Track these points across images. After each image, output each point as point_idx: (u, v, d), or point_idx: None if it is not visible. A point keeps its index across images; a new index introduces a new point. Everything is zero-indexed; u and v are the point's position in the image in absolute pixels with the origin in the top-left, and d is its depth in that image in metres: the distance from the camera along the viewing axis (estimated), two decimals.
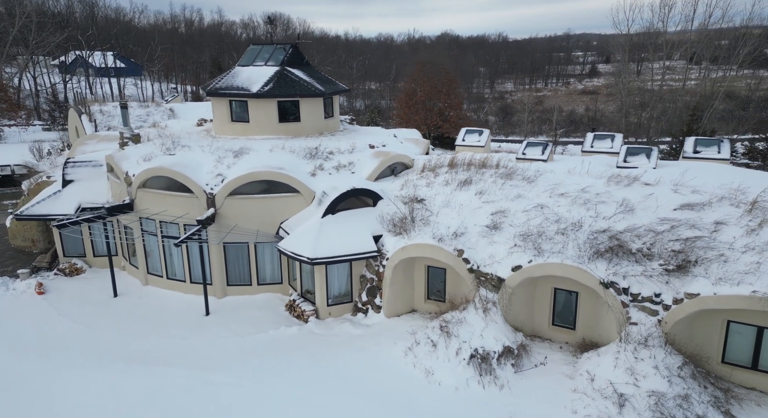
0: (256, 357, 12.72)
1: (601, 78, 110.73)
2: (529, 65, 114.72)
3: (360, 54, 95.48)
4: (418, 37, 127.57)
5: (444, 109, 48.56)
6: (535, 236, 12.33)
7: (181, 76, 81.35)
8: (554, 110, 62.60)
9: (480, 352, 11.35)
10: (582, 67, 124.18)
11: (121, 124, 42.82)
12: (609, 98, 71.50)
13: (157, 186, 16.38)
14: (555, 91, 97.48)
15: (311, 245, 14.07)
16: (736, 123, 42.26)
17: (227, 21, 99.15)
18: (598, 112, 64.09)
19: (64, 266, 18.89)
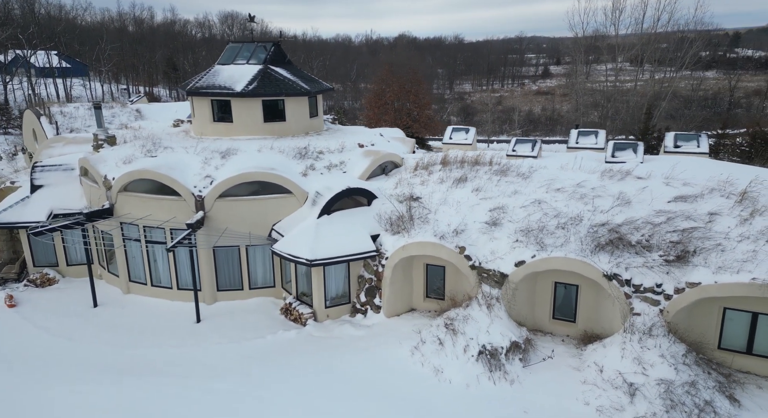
0: (256, 363, 12.29)
1: (553, 79, 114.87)
2: (485, 67, 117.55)
3: (320, 54, 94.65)
4: (375, 38, 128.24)
5: (413, 109, 48.93)
6: (537, 231, 12.46)
7: (133, 76, 78.01)
8: (516, 110, 64.22)
9: (488, 348, 11.36)
10: (536, 69, 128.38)
11: (87, 125, 40.56)
12: (563, 98, 74.07)
13: (139, 189, 15.61)
14: (511, 92, 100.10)
15: (309, 246, 13.73)
16: (684, 121, 44.69)
17: (180, 19, 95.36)
18: (555, 112, 66.19)
19: (35, 277, 17.76)
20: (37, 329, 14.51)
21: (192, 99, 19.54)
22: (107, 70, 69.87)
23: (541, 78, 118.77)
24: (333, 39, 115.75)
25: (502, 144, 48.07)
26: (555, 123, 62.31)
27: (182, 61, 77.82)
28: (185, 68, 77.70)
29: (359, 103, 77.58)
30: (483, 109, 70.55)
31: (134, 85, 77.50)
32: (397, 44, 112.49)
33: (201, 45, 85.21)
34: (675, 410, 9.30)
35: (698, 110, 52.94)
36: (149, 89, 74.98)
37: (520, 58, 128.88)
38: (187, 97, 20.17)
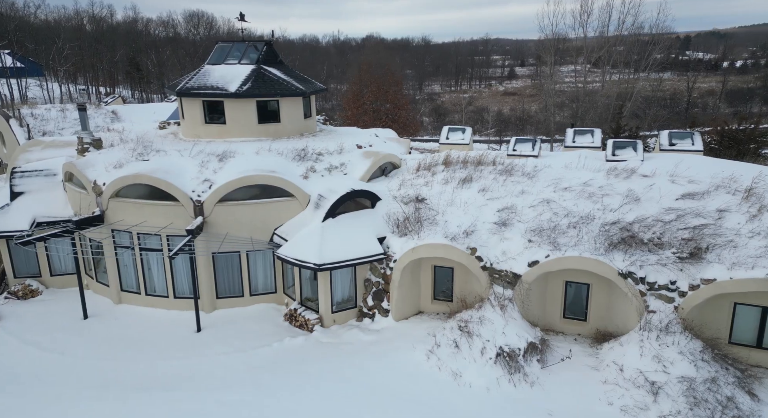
0: (267, 372, 11.86)
1: (519, 80, 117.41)
2: (453, 68, 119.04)
3: (287, 55, 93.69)
4: (343, 39, 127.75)
5: (391, 110, 48.92)
6: (549, 230, 12.43)
7: (92, 76, 74.84)
8: (489, 111, 65.21)
9: (505, 350, 11.25)
10: (502, 70, 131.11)
11: (60, 127, 38.78)
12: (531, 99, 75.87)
13: (133, 195, 14.92)
14: (479, 93, 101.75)
15: (316, 250, 13.37)
16: (648, 120, 46.40)
17: (143, 18, 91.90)
18: (524, 112, 67.53)
19: (16, 289, 16.78)
20: (24, 344, 13.67)
21: (181, 100, 18.84)
22: (65, 70, 66.88)
23: (507, 79, 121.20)
24: (300, 40, 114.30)
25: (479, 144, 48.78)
26: (525, 123, 63.60)
27: (146, 61, 75.00)
28: (149, 68, 75.12)
29: (331, 103, 77.09)
30: (454, 109, 71.26)
31: (95, 86, 74.34)
32: (366, 45, 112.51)
33: (165, 44, 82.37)
34: (699, 408, 9.37)
35: (658, 110, 55.05)
36: (110, 90, 72.07)
37: (486, 60, 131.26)
38: (167, 98, 19.45)
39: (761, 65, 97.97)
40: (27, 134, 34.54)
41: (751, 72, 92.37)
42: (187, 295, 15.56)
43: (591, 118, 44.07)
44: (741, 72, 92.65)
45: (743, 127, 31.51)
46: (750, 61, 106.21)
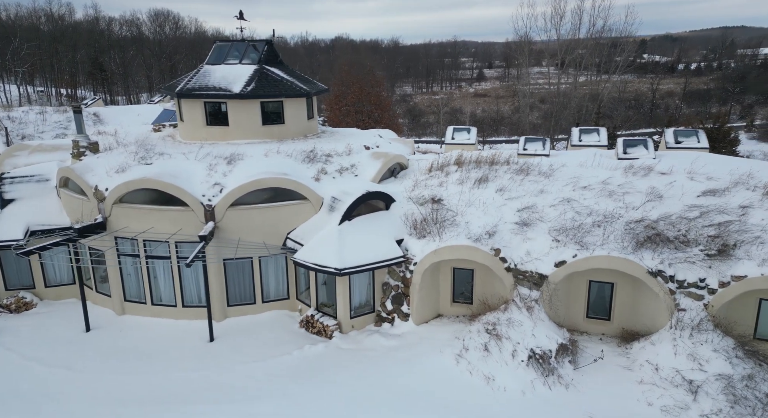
0: (291, 382, 11.42)
1: (488, 82, 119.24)
2: (424, 70, 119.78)
3: None
4: (312, 40, 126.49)
5: (374, 111, 48.78)
6: (573, 230, 12.34)
7: (51, 77, 71.21)
8: (463, 112, 65.79)
9: (537, 352, 11.09)
10: (471, 72, 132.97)
11: (39, 131, 37.25)
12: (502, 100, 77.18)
13: (138, 201, 14.24)
14: (451, 94, 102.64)
15: (336, 254, 12.98)
16: (620, 120, 47.79)
17: (105, 17, 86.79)
18: (498, 113, 68.53)
19: (8, 302, 15.86)
20: (25, 360, 12.86)
21: (180, 102, 18.15)
22: (24, 71, 64.01)
23: (476, 81, 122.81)
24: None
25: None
26: (498, 123, 64.44)
27: (109, 62, 72.31)
28: (112, 69, 72.44)
29: None
30: (428, 110, 71.60)
31: (55, 87, 71.33)
32: (336, 46, 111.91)
33: (130, 44, 79.40)
34: (739, 405, 9.37)
35: (625, 110, 56.76)
36: (71, 91, 69.27)
37: (454, 62, 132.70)
38: (150, 100, 18.73)
39: (714, 68, 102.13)
40: (5, 138, 33.04)
41: (704, 74, 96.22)
42: (195, 303, 14.96)
43: (565, 118, 45.00)
44: (696, 74, 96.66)
45: (718, 126, 32.86)
46: (703, 64, 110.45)
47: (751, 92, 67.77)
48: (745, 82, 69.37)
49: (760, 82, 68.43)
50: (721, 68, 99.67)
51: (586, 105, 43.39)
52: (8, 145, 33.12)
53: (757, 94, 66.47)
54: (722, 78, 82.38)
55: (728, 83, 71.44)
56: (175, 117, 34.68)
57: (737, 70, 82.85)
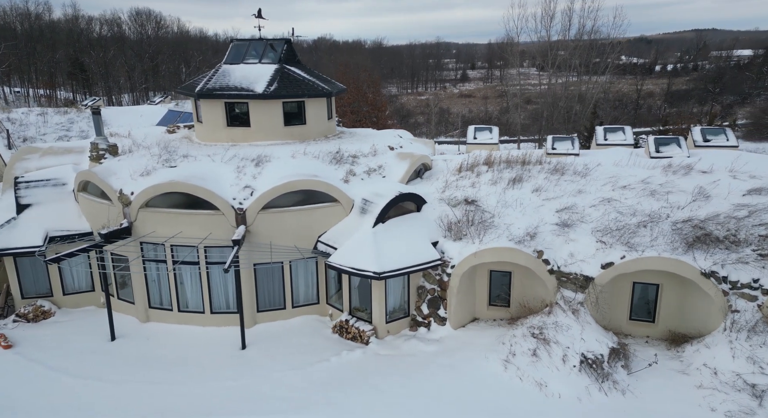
0: (334, 390, 11.04)
1: (471, 82, 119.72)
2: (409, 70, 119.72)
3: None
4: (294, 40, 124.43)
5: (371, 112, 48.53)
6: (618, 230, 12.08)
7: (30, 77, 69.25)
8: (450, 112, 65.83)
9: (589, 357, 10.81)
10: (455, 73, 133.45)
11: (41, 133, 36.54)
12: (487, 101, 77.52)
13: (165, 204, 13.79)
14: (436, 95, 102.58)
15: (373, 258, 12.61)
16: (610, 120, 48.22)
17: (84, 16, 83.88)
18: (486, 113, 68.66)
19: (26, 310, 15.30)
20: (52, 371, 12.37)
21: (199, 102, 17.67)
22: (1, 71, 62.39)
23: (460, 82, 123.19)
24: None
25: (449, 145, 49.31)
26: (487, 124, 64.50)
27: (89, 62, 70.45)
28: (93, 68, 70.46)
29: None
30: (416, 111, 71.56)
31: (33, 88, 69.51)
32: (319, 46, 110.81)
33: (111, 44, 77.31)
34: None
35: (610, 111, 57.37)
36: (50, 92, 67.61)
37: (437, 63, 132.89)
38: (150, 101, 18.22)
39: (690, 69, 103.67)
40: (7, 141, 32.31)
41: (681, 75, 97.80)
42: (223, 310, 14.53)
43: (557, 118, 45.17)
44: (673, 75, 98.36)
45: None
46: (680, 66, 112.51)
47: (728, 92, 69.34)
48: (722, 82, 70.92)
49: (736, 82, 70.04)
50: (696, 69, 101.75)
51: (576, 105, 43.66)
52: (10, 147, 32.40)
53: (734, 94, 67.93)
54: (699, 79, 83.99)
55: (707, 84, 72.87)
56: (182, 118, 34.17)
57: (713, 71, 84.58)
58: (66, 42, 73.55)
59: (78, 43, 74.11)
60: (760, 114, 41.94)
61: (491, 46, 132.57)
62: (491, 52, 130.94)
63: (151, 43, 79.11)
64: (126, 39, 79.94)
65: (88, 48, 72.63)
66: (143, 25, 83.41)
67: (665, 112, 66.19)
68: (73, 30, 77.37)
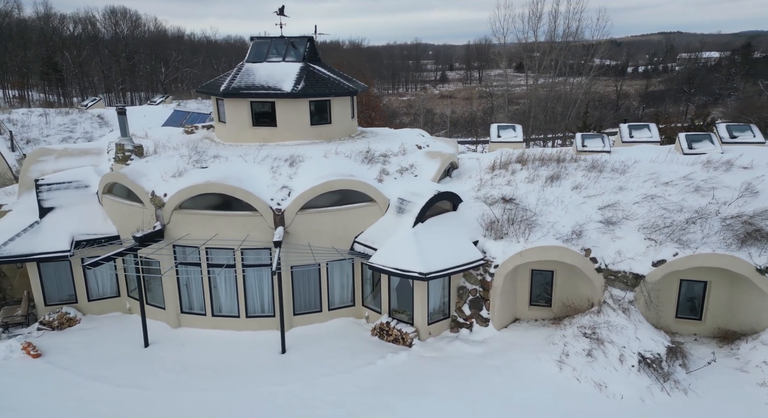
0: (389, 394, 10.78)
1: (451, 83, 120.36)
2: (389, 71, 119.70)
3: (223, 55, 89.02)
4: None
5: (366, 111, 48.34)
6: (666, 227, 11.96)
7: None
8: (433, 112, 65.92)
9: (647, 356, 10.66)
10: (435, 74, 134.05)
11: (45, 135, 35.78)
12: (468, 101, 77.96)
13: (200, 206, 13.43)
14: (417, 95, 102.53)
15: (417, 258, 12.36)
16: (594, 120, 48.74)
17: (56, 14, 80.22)
18: (471, 114, 68.84)
19: (50, 318, 14.82)
20: (88, 380, 11.96)
21: (223, 101, 17.28)
22: None
23: (439, 82, 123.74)
24: (224, 40, 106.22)
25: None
26: (471, 124, 64.87)
27: (62, 61, 68.49)
28: (67, 68, 68.17)
29: None
30: (400, 111, 71.66)
31: (4, 89, 66.52)
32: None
33: (86, 43, 75.17)
34: None
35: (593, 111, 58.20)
36: (21, 93, 65.70)
37: (416, 64, 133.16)
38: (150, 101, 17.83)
39: (660, 71, 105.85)
40: (10, 143, 31.56)
41: (652, 76, 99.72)
42: (258, 313, 14.20)
43: (544, 119, 45.48)
44: (644, 76, 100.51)
45: (707, 124, 33.86)
46: (650, 67, 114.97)
47: (700, 93, 71.34)
48: (693, 83, 72.85)
49: (707, 83, 72.10)
50: (667, 71, 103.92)
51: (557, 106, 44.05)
52: (13, 150, 31.64)
53: (706, 94, 69.85)
54: (671, 80, 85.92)
55: (681, 85, 74.76)
56: (190, 119, 33.58)
57: (683, 72, 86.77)
58: (38, 41, 70.87)
59: (51, 41, 71.71)
60: (738, 113, 42.83)
61: (469, 48, 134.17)
62: (469, 53, 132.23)
63: (128, 43, 77.34)
64: (101, 38, 77.71)
65: (61, 47, 70.60)
66: (118, 23, 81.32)
67: (643, 112, 67.90)
68: (45, 28, 75.04)
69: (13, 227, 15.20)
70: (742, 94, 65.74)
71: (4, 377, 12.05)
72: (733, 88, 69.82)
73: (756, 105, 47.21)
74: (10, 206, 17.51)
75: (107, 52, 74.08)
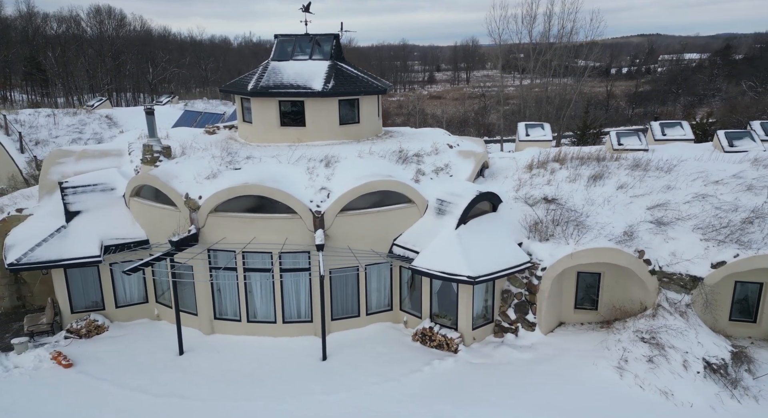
0: (443, 403, 10.38)
1: (439, 84, 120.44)
2: (377, 72, 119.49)
3: (209, 55, 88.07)
4: (256, 40, 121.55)
5: None
6: (725, 228, 11.58)
7: None
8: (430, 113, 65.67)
9: (712, 362, 10.28)
10: (423, 75, 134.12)
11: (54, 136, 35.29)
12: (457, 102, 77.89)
13: (235, 208, 12.99)
14: (407, 96, 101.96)
15: (464, 261, 11.95)
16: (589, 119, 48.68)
17: (39, 13, 77.95)
18: (464, 114, 68.73)
19: (78, 325, 14.35)
20: (125, 390, 11.51)
21: (249, 101, 16.83)
22: None
23: (428, 83, 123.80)
24: (209, 40, 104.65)
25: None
26: (464, 124, 64.78)
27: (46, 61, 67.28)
28: (51, 68, 66.72)
29: None
30: (392, 111, 71.41)
31: None
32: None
33: (71, 42, 73.55)
34: None
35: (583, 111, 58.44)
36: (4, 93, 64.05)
37: (403, 64, 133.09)
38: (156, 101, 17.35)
39: (642, 72, 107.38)
40: (19, 144, 31.05)
41: (635, 77, 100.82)
42: (295, 319, 13.78)
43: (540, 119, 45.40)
44: (628, 77, 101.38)
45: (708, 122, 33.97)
46: (633, 68, 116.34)
47: (685, 94, 72.32)
48: (678, 84, 73.68)
49: (690, 84, 73.04)
50: (650, 72, 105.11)
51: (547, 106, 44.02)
52: (22, 151, 31.13)
53: (690, 95, 70.81)
54: (656, 81, 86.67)
55: (666, 86, 75.52)
56: (202, 119, 33.08)
57: (666, 73, 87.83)
58: (20, 40, 69.53)
59: (34, 41, 70.32)
60: (727, 113, 42.83)
61: (456, 49, 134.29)
62: (456, 54, 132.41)
63: (113, 42, 76.25)
64: (86, 38, 75.74)
65: (45, 47, 69.21)
66: (103, 22, 79.94)
67: (633, 112, 68.34)
68: (28, 28, 73.23)
69: (36, 232, 14.73)
70: (725, 95, 66.74)
71: (38, 389, 11.60)
72: (716, 89, 70.87)
73: (742, 105, 47.52)
74: (31, 210, 17.01)
75: (92, 51, 72.79)
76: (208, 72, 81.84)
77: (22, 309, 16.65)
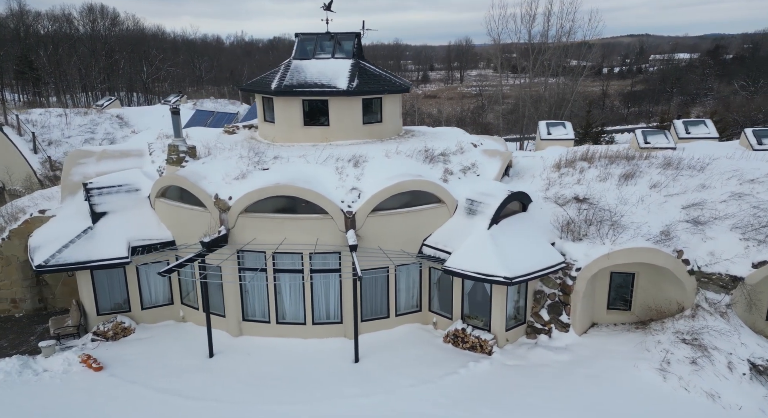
0: (484, 406, 10.23)
1: (433, 84, 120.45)
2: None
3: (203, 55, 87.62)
4: (248, 39, 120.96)
5: None
6: (764, 227, 11.39)
7: None
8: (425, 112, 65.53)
9: (758, 363, 10.11)
10: (417, 75, 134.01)
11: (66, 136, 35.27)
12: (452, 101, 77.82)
13: (265, 209, 12.86)
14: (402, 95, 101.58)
15: (499, 262, 11.80)
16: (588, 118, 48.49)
17: (30, 11, 77.36)
18: (462, 113, 68.62)
19: (104, 328, 14.24)
20: (159, 393, 11.39)
21: (271, 100, 16.69)
22: None
23: (422, 83, 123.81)
24: (201, 39, 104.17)
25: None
26: (461, 124, 64.73)
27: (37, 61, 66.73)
28: (43, 67, 66.00)
29: None
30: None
31: None
32: (276, 46, 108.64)
33: (63, 41, 72.65)
34: None
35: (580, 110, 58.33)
36: None
37: (397, 64, 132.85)
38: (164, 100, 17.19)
39: (634, 71, 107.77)
40: (32, 144, 30.97)
41: (627, 77, 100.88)
42: (324, 320, 13.65)
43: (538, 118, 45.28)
44: (620, 77, 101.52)
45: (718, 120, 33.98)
46: (625, 68, 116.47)
47: (679, 93, 72.64)
48: (671, 83, 73.81)
49: (683, 84, 73.34)
50: (641, 72, 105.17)
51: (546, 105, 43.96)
52: (36, 151, 31.05)
53: (683, 94, 71.12)
54: (649, 80, 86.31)
55: (659, 85, 75.83)
56: (215, 119, 32.94)
57: (658, 73, 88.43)
58: (12, 38, 68.83)
59: (26, 39, 69.68)
60: (724, 111, 42.73)
61: (450, 49, 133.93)
62: (450, 54, 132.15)
63: (107, 41, 75.95)
64: (79, 36, 75.00)
65: (37, 45, 68.19)
66: (96, 21, 79.48)
67: (628, 111, 68.11)
68: (19, 26, 72.40)
69: (60, 233, 14.64)
70: (717, 94, 66.78)
71: (71, 393, 11.50)
72: (708, 88, 71.15)
73: (736, 104, 47.54)
74: (54, 211, 16.91)
75: (85, 50, 72.45)
76: (203, 71, 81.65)
77: (43, 311, 16.56)
